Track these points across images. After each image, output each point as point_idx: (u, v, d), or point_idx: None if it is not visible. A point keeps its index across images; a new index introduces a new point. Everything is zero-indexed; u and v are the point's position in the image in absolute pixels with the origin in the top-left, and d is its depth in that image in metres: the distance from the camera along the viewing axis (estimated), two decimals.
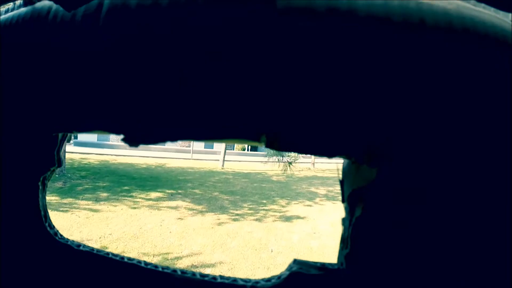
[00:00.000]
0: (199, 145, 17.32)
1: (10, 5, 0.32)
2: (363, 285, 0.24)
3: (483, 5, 0.26)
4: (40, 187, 0.29)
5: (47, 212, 0.31)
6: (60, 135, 0.29)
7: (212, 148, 17.72)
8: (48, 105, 0.28)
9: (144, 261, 0.28)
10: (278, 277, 0.26)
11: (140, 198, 4.91)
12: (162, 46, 0.25)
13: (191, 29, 0.25)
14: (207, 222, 3.96)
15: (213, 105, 0.24)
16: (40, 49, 0.28)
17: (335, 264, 0.26)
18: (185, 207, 4.59)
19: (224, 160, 10.30)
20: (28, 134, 0.29)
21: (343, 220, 0.26)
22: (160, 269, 0.27)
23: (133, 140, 0.25)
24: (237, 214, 4.48)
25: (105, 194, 4.93)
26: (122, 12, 0.26)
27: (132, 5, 0.25)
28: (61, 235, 0.30)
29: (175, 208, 4.52)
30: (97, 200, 4.58)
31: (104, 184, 5.66)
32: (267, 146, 0.24)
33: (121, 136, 0.26)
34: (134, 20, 0.25)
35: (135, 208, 4.35)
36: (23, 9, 0.30)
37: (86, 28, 0.26)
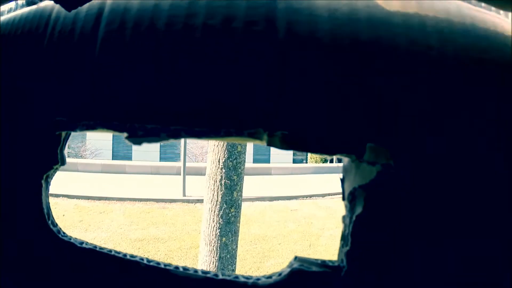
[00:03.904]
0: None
1: (13, 4, 0.32)
2: (363, 282, 0.24)
3: (483, 5, 0.27)
4: (43, 185, 0.30)
5: (50, 209, 0.31)
6: (63, 133, 0.30)
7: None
8: (51, 103, 0.28)
9: (147, 258, 0.28)
10: (279, 274, 0.26)
11: None
12: (162, 50, 0.25)
13: (190, 34, 0.25)
14: None
15: (215, 104, 0.25)
16: (43, 50, 0.28)
17: (335, 261, 0.26)
18: None
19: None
20: (32, 133, 0.29)
21: (344, 217, 0.26)
22: (162, 266, 0.28)
23: (136, 138, 0.25)
24: None
25: None
26: (121, 24, 0.26)
27: (128, 29, 0.27)
28: (64, 233, 0.30)
29: None
30: None
31: None
32: (268, 144, 0.24)
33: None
34: (133, 35, 0.26)
35: None
36: (25, 9, 0.30)
37: (86, 32, 0.27)
